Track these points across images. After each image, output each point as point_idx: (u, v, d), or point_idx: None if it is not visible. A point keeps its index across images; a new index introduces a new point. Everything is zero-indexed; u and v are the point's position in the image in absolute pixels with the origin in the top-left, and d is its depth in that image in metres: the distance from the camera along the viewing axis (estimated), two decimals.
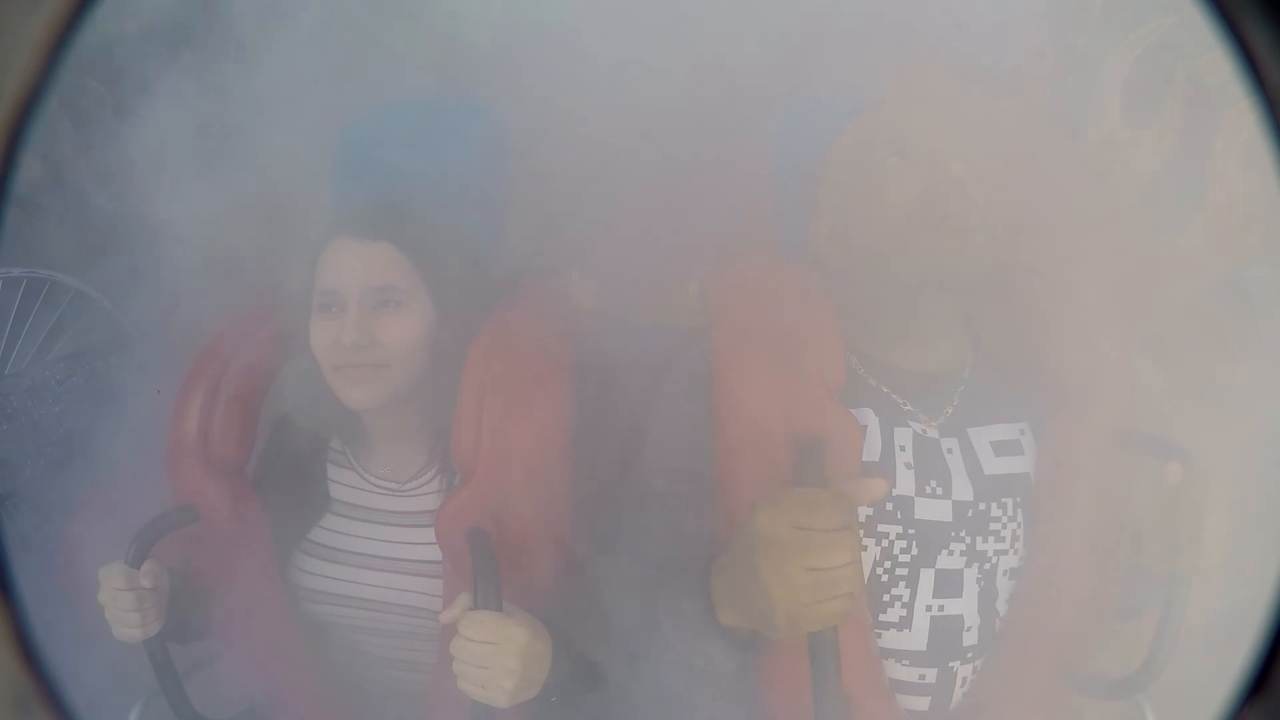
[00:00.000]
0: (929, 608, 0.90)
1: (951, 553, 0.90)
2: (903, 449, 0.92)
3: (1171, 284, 1.46)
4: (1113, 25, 1.58)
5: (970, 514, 0.91)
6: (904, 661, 0.91)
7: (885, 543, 0.89)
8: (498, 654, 0.79)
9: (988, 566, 0.92)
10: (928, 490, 0.90)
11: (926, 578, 0.90)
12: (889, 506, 0.89)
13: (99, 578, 0.92)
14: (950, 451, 0.93)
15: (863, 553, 0.74)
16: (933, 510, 0.90)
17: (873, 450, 0.91)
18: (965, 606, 0.91)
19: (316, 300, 0.99)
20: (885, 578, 0.90)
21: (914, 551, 0.90)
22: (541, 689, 0.84)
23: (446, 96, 1.28)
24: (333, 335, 0.97)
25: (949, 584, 0.90)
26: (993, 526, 0.92)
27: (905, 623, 0.91)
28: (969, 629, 0.92)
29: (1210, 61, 1.50)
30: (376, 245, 0.99)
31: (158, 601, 0.92)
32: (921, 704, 0.93)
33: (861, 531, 0.73)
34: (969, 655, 0.93)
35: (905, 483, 0.90)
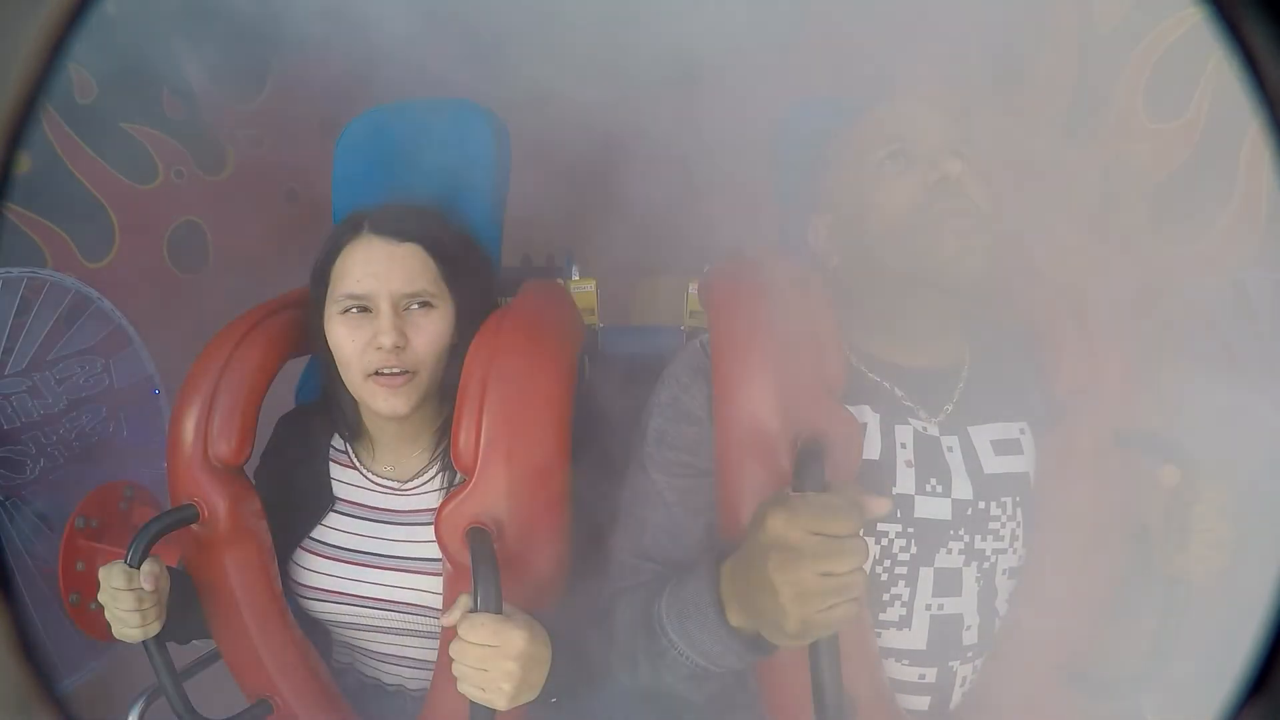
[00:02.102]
0: (928, 606, 0.90)
1: (950, 551, 0.90)
2: (903, 447, 0.92)
3: (1182, 283, 1.44)
4: (1141, 15, 1.54)
5: (969, 513, 0.91)
6: (904, 661, 0.91)
7: (885, 541, 0.89)
8: (497, 657, 0.79)
9: (987, 565, 0.92)
10: (928, 488, 0.90)
11: (926, 576, 0.90)
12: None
13: (99, 577, 0.91)
14: (950, 450, 0.93)
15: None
16: (932, 509, 0.90)
17: (873, 448, 0.91)
18: (964, 605, 0.91)
19: (343, 302, 0.98)
20: (885, 576, 0.90)
21: (913, 550, 0.90)
22: (541, 691, 0.84)
23: (447, 97, 1.28)
24: (364, 337, 0.96)
25: (948, 583, 0.91)
26: (992, 525, 0.92)
27: (905, 622, 0.91)
28: (968, 628, 0.92)
29: None
30: (406, 246, 0.98)
31: (158, 601, 0.92)
32: (921, 703, 0.93)
33: (861, 531, 0.73)
34: (968, 654, 0.93)
35: (905, 481, 0.90)
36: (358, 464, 1.08)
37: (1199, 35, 1.51)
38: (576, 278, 1.33)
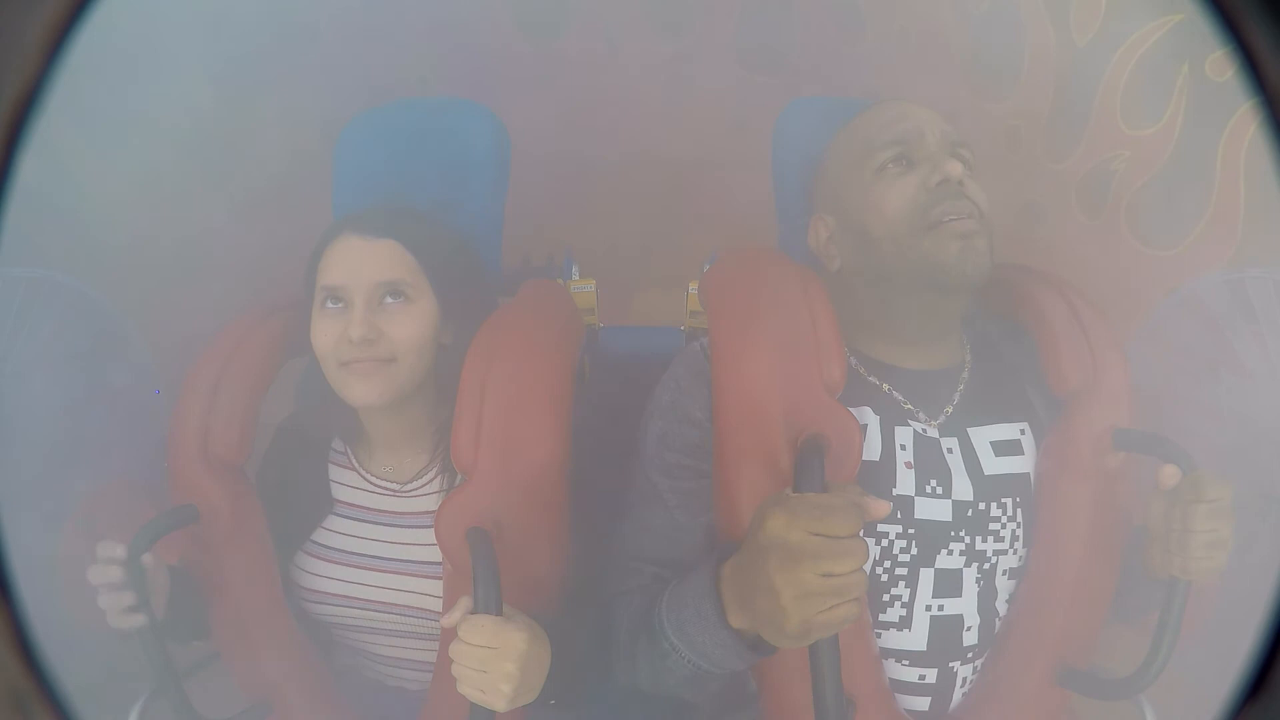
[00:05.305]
0: (929, 607, 0.90)
1: (951, 552, 0.90)
2: (903, 448, 0.92)
3: (1172, 284, 1.46)
4: (1117, 22, 1.57)
5: (970, 514, 0.91)
6: (904, 661, 0.91)
7: (885, 542, 0.89)
8: (496, 659, 0.79)
9: (987, 566, 0.92)
10: (928, 490, 0.90)
11: (926, 577, 0.90)
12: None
13: (96, 554, 0.91)
14: (950, 451, 0.93)
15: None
16: (933, 510, 0.90)
17: (873, 450, 0.91)
18: (965, 606, 0.91)
19: (320, 297, 0.99)
20: (885, 577, 0.90)
21: (914, 551, 0.90)
22: (540, 692, 0.84)
23: (447, 97, 1.28)
24: (338, 331, 0.96)
25: (948, 584, 0.91)
26: (992, 526, 0.92)
27: (905, 623, 0.91)
28: (969, 629, 0.92)
29: (1216, 60, 1.49)
30: (382, 242, 0.99)
31: (154, 589, 0.92)
32: (921, 704, 0.93)
33: (861, 532, 0.74)
34: (969, 655, 0.93)
35: (905, 482, 0.90)
36: (357, 466, 1.08)
37: (1170, 43, 1.53)
38: (576, 278, 1.33)
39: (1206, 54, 1.49)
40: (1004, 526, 0.92)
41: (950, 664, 0.92)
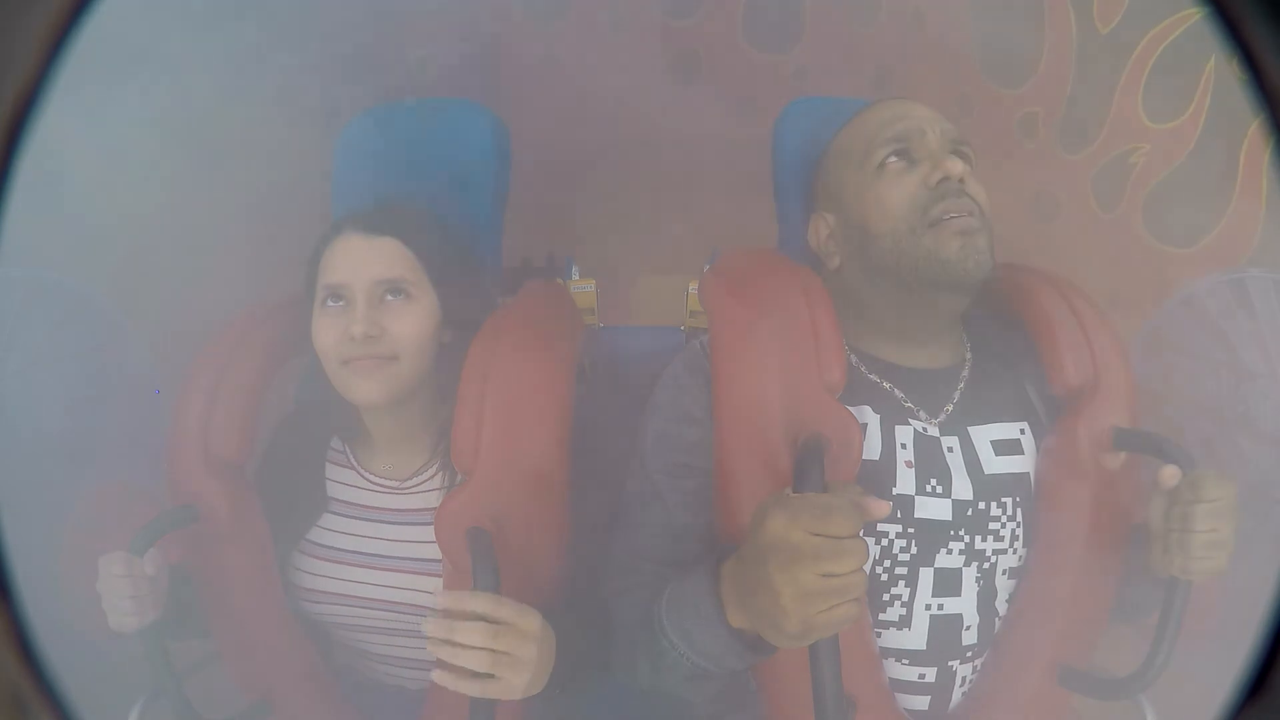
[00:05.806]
0: (928, 607, 0.90)
1: (951, 552, 0.90)
2: (903, 447, 0.92)
3: (1181, 282, 1.44)
4: (1140, 14, 1.54)
5: (970, 513, 0.91)
6: (903, 661, 0.91)
7: (885, 542, 0.89)
8: (517, 637, 0.79)
9: (987, 566, 0.92)
10: (928, 489, 0.90)
11: (926, 577, 0.90)
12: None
13: (99, 567, 0.91)
14: (951, 450, 0.93)
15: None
16: (933, 509, 0.90)
17: (873, 449, 0.91)
18: (964, 606, 0.91)
19: (321, 295, 0.99)
20: (885, 577, 0.90)
21: (913, 550, 0.90)
22: (544, 686, 0.84)
23: (446, 97, 1.28)
24: (340, 329, 0.97)
25: (948, 583, 0.91)
26: (992, 526, 0.92)
27: (905, 622, 0.91)
28: (968, 628, 0.92)
29: None
30: (383, 240, 0.99)
31: (155, 590, 0.92)
32: (921, 703, 0.93)
33: (861, 531, 0.74)
34: (968, 654, 0.93)
35: (905, 481, 0.90)
36: (355, 464, 1.08)
37: (1197, 35, 1.50)
38: (576, 278, 1.33)
39: None
40: (1004, 526, 0.92)
41: (950, 663, 0.92)
